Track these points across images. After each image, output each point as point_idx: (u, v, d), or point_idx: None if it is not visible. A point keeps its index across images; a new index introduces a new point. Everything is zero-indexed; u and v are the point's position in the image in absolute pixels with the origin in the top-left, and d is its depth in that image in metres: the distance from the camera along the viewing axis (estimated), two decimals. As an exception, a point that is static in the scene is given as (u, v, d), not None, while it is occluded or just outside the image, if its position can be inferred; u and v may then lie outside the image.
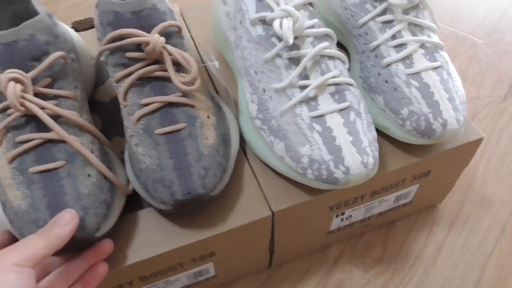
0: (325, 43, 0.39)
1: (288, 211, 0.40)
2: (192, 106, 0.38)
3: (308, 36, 0.39)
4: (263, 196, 0.40)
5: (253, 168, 0.42)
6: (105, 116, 0.46)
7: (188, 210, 0.37)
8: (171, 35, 0.39)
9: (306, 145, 0.37)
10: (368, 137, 0.38)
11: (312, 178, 0.37)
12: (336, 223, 0.46)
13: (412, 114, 0.39)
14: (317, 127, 0.37)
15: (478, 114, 0.64)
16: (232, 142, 0.41)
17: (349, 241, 0.52)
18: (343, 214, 0.45)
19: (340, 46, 0.51)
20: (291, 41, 0.37)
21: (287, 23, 0.38)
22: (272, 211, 0.39)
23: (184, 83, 0.37)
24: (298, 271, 0.50)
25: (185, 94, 0.38)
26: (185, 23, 0.55)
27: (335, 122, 0.38)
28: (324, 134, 0.37)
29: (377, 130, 0.43)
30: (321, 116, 0.38)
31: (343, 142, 0.37)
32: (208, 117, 0.39)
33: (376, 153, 0.38)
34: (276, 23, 0.38)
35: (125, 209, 0.39)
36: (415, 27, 0.42)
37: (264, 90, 0.40)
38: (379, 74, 0.42)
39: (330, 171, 0.36)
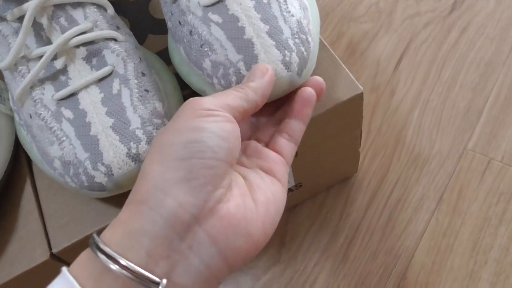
0: None
1: (78, 247, 0.28)
2: None
3: None
4: (44, 230, 0.29)
5: (38, 187, 0.30)
6: None
7: None
8: None
9: (55, 144, 0.25)
10: (141, 113, 0.25)
11: (76, 187, 0.26)
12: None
13: (216, 66, 0.26)
14: (67, 112, 0.25)
15: (416, 38, 0.48)
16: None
17: (237, 240, 0.41)
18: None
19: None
20: None
21: None
22: (52, 252, 0.28)
23: None
24: None
25: None
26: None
27: (91, 100, 0.25)
28: (76, 122, 0.25)
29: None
30: (72, 95, 0.26)
31: (100, 129, 0.25)
32: None
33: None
34: None
35: None
36: None
37: (4, 72, 0.28)
38: (172, 14, 0.28)
39: (89, 176, 0.25)
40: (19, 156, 0.32)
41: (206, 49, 0.26)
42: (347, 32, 0.50)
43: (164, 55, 0.33)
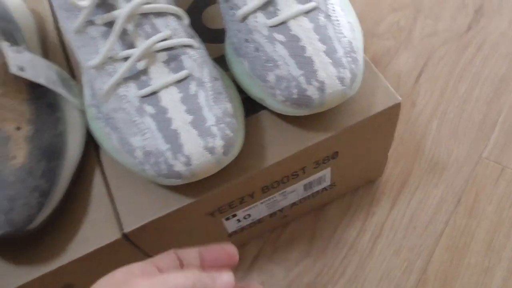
0: None
1: (147, 228, 0.32)
2: (-11, 119, 0.29)
3: None
4: (115, 214, 0.32)
5: (107, 175, 0.34)
6: None
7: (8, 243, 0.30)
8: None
9: (138, 135, 0.29)
10: (216, 113, 0.29)
11: (153, 174, 0.29)
12: (233, 225, 0.38)
13: (280, 79, 0.30)
14: (149, 108, 0.29)
15: (434, 55, 0.53)
16: (68, 151, 0.32)
17: (270, 234, 0.44)
18: (234, 216, 0.37)
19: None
20: (84, 3, 0.28)
21: None
22: (124, 233, 0.31)
23: (-32, 91, 0.28)
24: (210, 277, 0.43)
25: (-20, 103, 0.29)
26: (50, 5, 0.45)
27: (171, 99, 0.29)
28: (158, 117, 0.29)
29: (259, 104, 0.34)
30: (154, 93, 0.29)
31: (180, 124, 0.28)
32: (19, 128, 0.30)
33: (229, 132, 0.29)
34: None
35: None
36: None
37: (88, 70, 0.31)
38: (238, 31, 0.32)
39: (169, 164, 0.28)
40: (88, 147, 0.35)
41: (270, 65, 0.30)
42: (371, 48, 0.54)
43: (218, 63, 0.37)
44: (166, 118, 0.28)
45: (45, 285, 0.32)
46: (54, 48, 0.41)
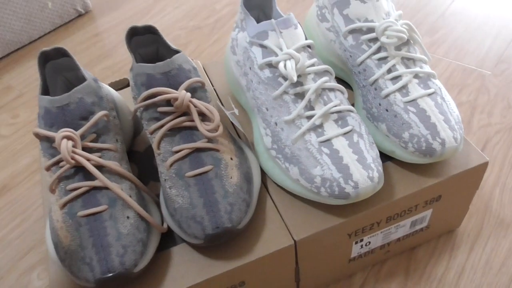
0: (325, 78, 0.45)
1: (309, 239, 0.44)
2: (217, 150, 0.43)
3: (309, 74, 0.45)
4: (285, 226, 0.44)
5: (275, 201, 0.46)
6: (141, 164, 0.52)
7: (218, 243, 0.41)
8: (196, 90, 0.45)
9: (318, 167, 0.42)
10: (372, 155, 0.43)
11: (326, 195, 0.42)
12: (356, 250, 0.50)
13: (413, 136, 0.44)
14: (326, 150, 0.42)
15: (491, 140, 0.67)
16: (254, 179, 0.46)
17: (372, 268, 0.55)
18: (361, 240, 0.48)
19: (343, 82, 0.56)
20: (295, 79, 0.43)
21: (290, 64, 0.43)
22: (294, 240, 0.43)
23: (209, 131, 0.43)
24: (326, 300, 0.53)
25: (210, 140, 0.43)
26: (207, 76, 0.62)
27: (341, 144, 0.42)
28: (332, 156, 0.42)
29: (385, 156, 0.48)
30: (328, 140, 0.43)
31: (349, 161, 0.41)
32: (231, 158, 0.44)
33: (380, 168, 0.42)
34: (281, 65, 0.44)
35: (160, 246, 0.44)
36: (408, 60, 0.47)
37: (276, 124, 0.45)
38: (379, 104, 0.46)
39: (341, 187, 0.41)
40: (259, 182, 0.48)
41: (405, 127, 0.44)
42: (438, 132, 0.69)
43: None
44: (338, 156, 0.42)
45: (227, 280, 0.43)
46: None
